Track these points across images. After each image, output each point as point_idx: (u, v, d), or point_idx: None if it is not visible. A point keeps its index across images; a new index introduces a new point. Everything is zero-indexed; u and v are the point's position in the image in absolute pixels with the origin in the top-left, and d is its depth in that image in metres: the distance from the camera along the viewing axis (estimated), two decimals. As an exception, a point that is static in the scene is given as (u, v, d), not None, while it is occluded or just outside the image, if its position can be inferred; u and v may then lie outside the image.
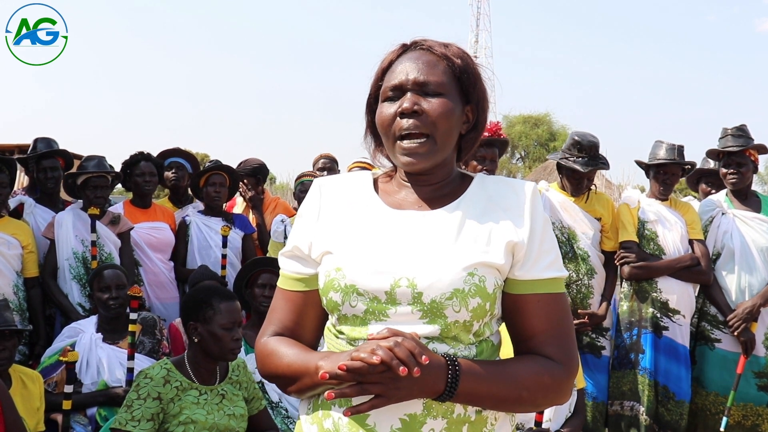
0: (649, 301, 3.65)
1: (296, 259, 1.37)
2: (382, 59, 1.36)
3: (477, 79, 1.35)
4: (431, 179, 1.35)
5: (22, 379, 2.82)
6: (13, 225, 3.62)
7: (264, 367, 1.36)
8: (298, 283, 1.36)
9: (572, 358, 1.29)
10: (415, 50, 1.33)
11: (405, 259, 1.24)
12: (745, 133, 3.74)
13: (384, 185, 1.41)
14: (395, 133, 1.28)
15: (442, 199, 1.34)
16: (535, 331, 1.28)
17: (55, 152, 4.08)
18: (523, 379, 1.23)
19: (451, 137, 1.31)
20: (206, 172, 4.24)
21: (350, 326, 1.28)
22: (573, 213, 3.70)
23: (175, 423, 2.41)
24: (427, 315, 1.22)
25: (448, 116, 1.27)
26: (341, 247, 1.30)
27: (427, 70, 1.29)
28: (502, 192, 1.34)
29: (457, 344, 1.24)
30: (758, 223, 3.65)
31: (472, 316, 1.22)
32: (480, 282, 1.22)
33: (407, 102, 1.27)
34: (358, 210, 1.35)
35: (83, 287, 3.66)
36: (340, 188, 1.40)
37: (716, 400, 3.63)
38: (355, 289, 1.25)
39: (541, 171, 14.23)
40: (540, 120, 36.72)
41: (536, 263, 1.28)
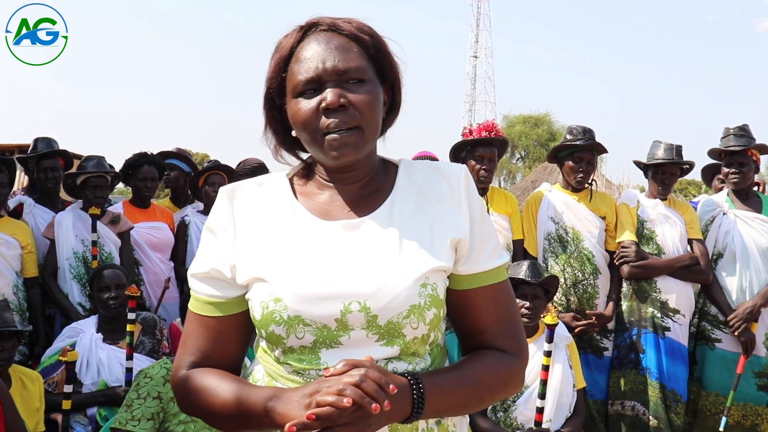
0: (648, 300, 3.65)
1: (212, 282, 1.22)
2: (278, 45, 1.19)
3: (389, 55, 1.21)
4: (357, 175, 1.23)
5: (22, 379, 2.82)
6: (12, 225, 3.62)
7: (191, 405, 1.20)
8: (215, 308, 1.22)
9: (523, 346, 1.25)
10: (319, 32, 1.17)
11: (351, 280, 1.13)
12: (747, 132, 3.74)
13: (302, 188, 1.26)
14: (321, 130, 1.13)
15: (370, 199, 1.22)
16: (484, 325, 1.22)
17: (56, 152, 4.08)
18: (483, 381, 1.18)
19: (378, 126, 1.19)
20: (205, 172, 4.24)
21: (297, 357, 1.15)
22: (577, 212, 3.70)
23: (175, 422, 2.41)
24: (384, 337, 1.13)
25: (375, 105, 1.16)
26: (275, 272, 1.15)
27: (343, 56, 1.14)
28: (433, 181, 1.23)
29: (414, 359, 1.17)
30: (759, 224, 3.65)
31: (429, 328, 1.16)
32: (433, 291, 1.15)
33: (331, 95, 1.12)
34: (282, 223, 1.20)
35: (83, 287, 3.66)
36: (254, 196, 1.24)
37: (716, 400, 3.62)
38: (300, 320, 1.12)
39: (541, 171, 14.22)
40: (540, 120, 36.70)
41: (479, 255, 1.20)
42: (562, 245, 3.66)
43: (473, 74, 52.27)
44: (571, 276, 3.63)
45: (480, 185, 3.62)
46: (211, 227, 1.24)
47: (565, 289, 3.63)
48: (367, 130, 1.15)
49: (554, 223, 3.69)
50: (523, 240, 3.70)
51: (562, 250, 3.66)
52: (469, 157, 3.60)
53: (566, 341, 3.11)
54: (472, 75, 52.25)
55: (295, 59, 1.16)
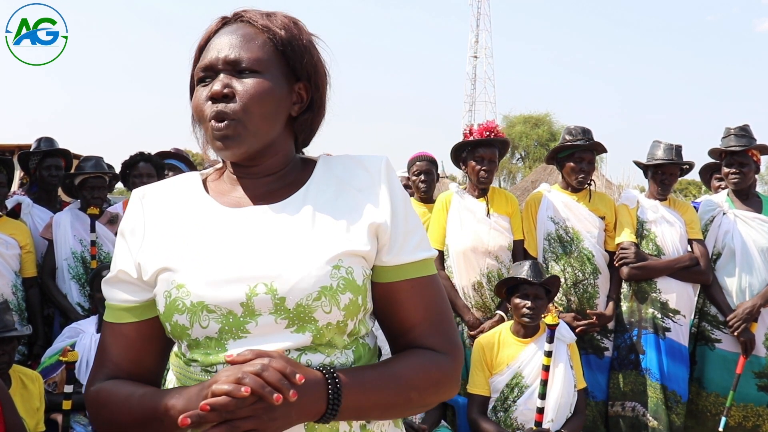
0: (648, 301, 3.64)
1: (123, 286, 1.16)
2: (201, 36, 1.18)
3: (306, 51, 1.16)
4: (263, 170, 1.18)
5: (21, 380, 2.82)
6: (10, 225, 3.62)
7: (101, 419, 1.13)
8: (128, 314, 1.16)
9: (456, 345, 1.17)
10: (235, 23, 1.16)
11: (258, 262, 1.07)
12: (747, 133, 3.73)
13: (215, 184, 1.23)
14: (207, 118, 1.11)
15: (284, 190, 1.17)
16: (412, 322, 1.14)
17: (59, 151, 4.10)
18: (410, 379, 1.10)
19: (269, 121, 1.12)
20: (205, 172, 4.24)
21: (204, 351, 1.08)
22: (577, 212, 3.69)
23: (174, 423, 2.41)
24: (295, 322, 1.06)
25: (263, 97, 1.10)
26: (179, 260, 1.10)
27: (241, 46, 1.11)
28: (352, 171, 1.18)
29: (332, 350, 1.09)
30: (759, 224, 3.65)
31: (346, 315, 1.08)
32: (348, 274, 1.08)
33: (217, 84, 1.10)
34: (190, 215, 1.16)
35: (82, 287, 3.66)
36: (165, 195, 1.21)
37: (716, 400, 3.62)
38: (204, 306, 1.06)
39: (541, 171, 14.24)
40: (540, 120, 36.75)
41: (404, 245, 1.14)
42: (562, 245, 3.66)
43: (473, 74, 52.33)
44: (571, 276, 3.63)
45: (480, 186, 3.62)
46: (121, 230, 1.20)
47: (566, 289, 3.63)
48: (249, 122, 1.09)
49: (554, 223, 3.69)
50: (524, 240, 3.70)
51: (562, 251, 3.66)
52: (469, 157, 3.60)
53: (568, 341, 3.11)
54: (472, 75, 52.31)
55: (206, 48, 1.15)
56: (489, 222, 3.58)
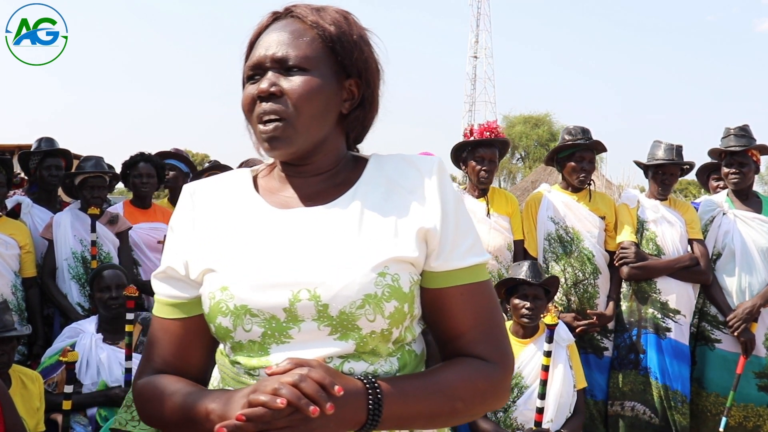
0: (648, 301, 3.64)
1: (171, 282, 1.16)
2: (251, 32, 1.16)
3: (356, 47, 1.12)
4: (313, 169, 1.16)
5: (21, 380, 2.82)
6: (10, 225, 3.62)
7: (146, 415, 1.14)
8: (176, 309, 1.16)
9: (506, 354, 1.13)
10: (285, 18, 1.13)
11: (302, 267, 1.05)
12: (747, 133, 3.74)
13: (265, 182, 1.21)
14: (256, 118, 1.10)
15: (334, 190, 1.14)
16: (462, 329, 1.11)
17: (59, 151, 4.10)
18: (455, 389, 1.06)
19: (318, 119, 1.10)
20: (205, 172, 4.24)
21: (247, 354, 1.08)
22: (577, 212, 3.70)
23: (174, 423, 2.41)
24: (338, 330, 1.04)
25: (312, 96, 1.08)
26: (224, 261, 1.09)
27: (289, 43, 1.09)
28: (403, 171, 1.14)
29: (376, 359, 1.07)
30: (759, 224, 3.65)
31: (390, 323, 1.05)
32: (393, 282, 1.05)
33: (264, 82, 1.08)
34: (238, 215, 1.14)
35: (82, 287, 3.66)
36: (215, 192, 1.20)
37: (716, 400, 3.62)
38: (247, 310, 1.05)
39: (541, 171, 14.22)
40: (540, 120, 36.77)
41: (454, 250, 1.10)
42: (562, 245, 3.66)
43: (473, 75, 52.31)
44: (571, 276, 3.63)
45: (480, 186, 3.62)
46: (171, 226, 1.19)
47: (566, 289, 3.63)
48: (297, 122, 1.08)
49: (554, 223, 3.69)
50: (524, 240, 3.70)
51: (563, 251, 3.66)
52: (469, 157, 3.61)
53: (567, 341, 3.11)
54: (472, 75, 52.30)
55: (256, 45, 1.13)
56: (489, 222, 3.58)
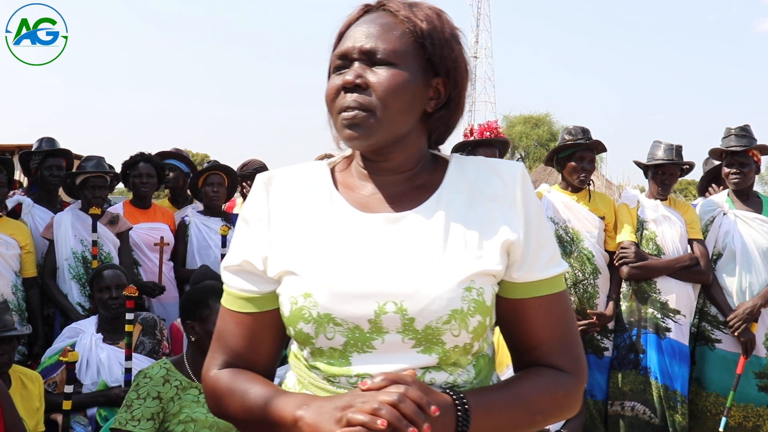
0: (648, 301, 3.65)
1: (245, 275, 1.15)
2: (341, 24, 1.14)
3: (446, 45, 1.10)
4: (393, 166, 1.14)
5: (21, 380, 2.82)
6: (11, 225, 3.62)
7: (219, 408, 1.15)
8: (249, 303, 1.15)
9: (582, 364, 1.13)
10: (376, 12, 1.12)
11: (388, 278, 1.03)
12: (748, 133, 3.74)
13: (343, 176, 1.18)
14: (338, 108, 1.08)
15: (415, 193, 1.12)
16: (539, 339, 1.10)
17: (60, 151, 4.10)
18: (536, 402, 1.07)
19: (403, 115, 1.08)
20: (205, 172, 4.24)
21: (327, 361, 1.07)
22: (577, 212, 3.70)
23: (175, 422, 2.41)
24: (422, 343, 1.03)
25: (397, 90, 1.05)
26: (307, 266, 1.07)
27: (378, 36, 1.07)
28: (486, 177, 1.12)
29: (456, 369, 1.06)
30: (759, 224, 3.65)
31: (473, 337, 1.05)
32: (479, 296, 1.04)
33: (350, 74, 1.07)
34: (318, 214, 1.12)
35: (83, 287, 3.66)
36: (292, 184, 1.16)
37: (716, 401, 3.62)
38: (330, 318, 1.04)
39: (541, 171, 14.22)
40: (540, 120, 36.77)
41: (535, 261, 1.08)
42: (562, 245, 3.66)
43: (473, 75, 52.20)
44: (571, 276, 3.64)
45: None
46: (245, 217, 1.16)
47: (566, 289, 3.63)
48: (382, 115, 1.05)
49: (554, 223, 3.69)
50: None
51: (562, 251, 3.66)
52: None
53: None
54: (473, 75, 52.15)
55: (345, 36, 1.12)
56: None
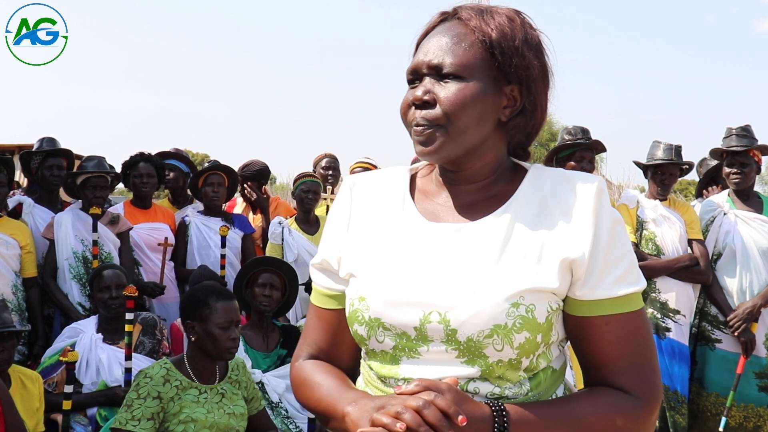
0: (648, 301, 3.64)
1: (326, 273, 1.20)
2: (421, 31, 1.15)
3: (517, 52, 1.08)
4: (469, 176, 1.13)
5: (21, 380, 2.82)
6: (11, 225, 3.62)
7: (298, 396, 1.22)
8: (331, 300, 1.20)
9: (653, 389, 1.06)
10: (451, 20, 1.11)
11: (437, 288, 1.04)
12: (749, 133, 3.74)
13: (423, 183, 1.20)
14: (409, 124, 1.11)
15: (487, 203, 1.11)
16: (605, 359, 1.06)
17: (61, 150, 4.10)
18: (589, 423, 1.01)
19: (474, 127, 1.07)
20: (204, 172, 4.24)
21: (379, 362, 1.11)
22: None
23: (175, 422, 2.41)
24: (465, 354, 1.03)
25: (465, 104, 1.05)
26: (366, 270, 1.12)
27: (447, 49, 1.07)
28: (560, 191, 1.09)
29: (504, 382, 1.04)
30: (760, 224, 3.65)
31: (519, 353, 1.02)
32: (528, 313, 1.01)
33: (419, 90, 1.08)
34: (388, 220, 1.15)
35: (83, 287, 3.66)
36: (373, 189, 1.20)
37: (717, 401, 3.62)
38: (380, 323, 1.07)
39: (541, 171, 14.17)
40: (540, 120, 36.72)
41: (602, 279, 1.04)
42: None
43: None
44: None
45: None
46: (330, 218, 1.23)
47: (566, 289, 3.63)
48: (450, 128, 1.06)
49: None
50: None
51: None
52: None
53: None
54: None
55: (419, 47, 1.13)
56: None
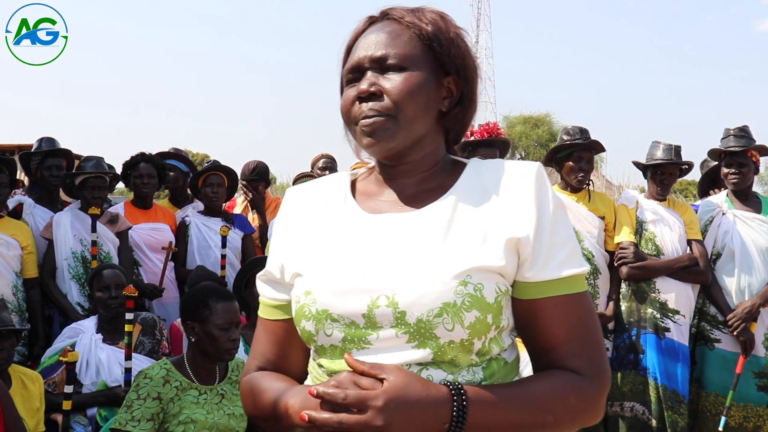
0: (647, 301, 3.65)
1: (271, 284, 1.21)
2: (348, 37, 1.17)
3: (453, 44, 1.13)
4: (410, 168, 1.15)
5: (22, 380, 2.82)
6: (12, 225, 3.62)
7: (248, 408, 1.20)
8: (277, 310, 1.20)
9: (603, 369, 1.09)
10: (381, 21, 1.14)
11: (383, 273, 1.05)
12: (747, 133, 3.75)
13: (363, 185, 1.22)
14: (354, 117, 1.11)
15: (428, 195, 1.13)
16: (555, 341, 1.07)
17: (60, 151, 4.10)
18: (545, 402, 1.03)
19: (419, 116, 1.10)
20: (204, 172, 4.25)
21: (329, 358, 1.09)
22: (576, 212, 3.70)
23: (175, 423, 2.41)
24: (415, 338, 1.02)
25: (412, 92, 1.08)
26: (310, 266, 1.12)
27: (387, 43, 1.10)
28: (500, 178, 1.12)
29: (456, 369, 1.04)
30: (758, 224, 3.66)
31: (471, 334, 1.02)
32: (476, 291, 1.02)
33: (364, 83, 1.09)
34: (330, 220, 1.16)
35: (82, 287, 3.66)
36: (314, 196, 1.21)
37: (716, 400, 3.63)
38: (328, 314, 1.06)
39: (541, 171, 14.21)
40: (540, 121, 36.76)
41: (548, 260, 1.06)
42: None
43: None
44: (571, 276, 3.63)
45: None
46: (273, 231, 1.25)
47: (565, 289, 3.63)
48: (400, 118, 1.08)
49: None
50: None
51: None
52: (470, 158, 3.60)
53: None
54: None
55: (353, 48, 1.15)
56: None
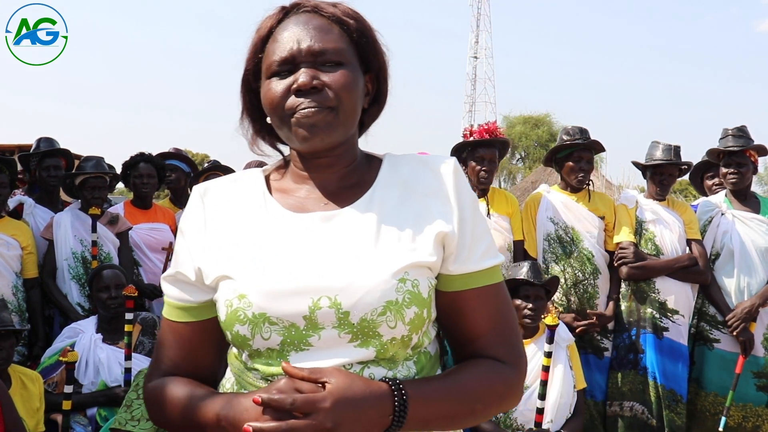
0: (647, 301, 3.65)
1: (181, 286, 1.15)
2: (259, 26, 1.14)
3: (374, 43, 1.14)
4: (333, 162, 1.15)
5: (21, 380, 2.82)
6: (12, 226, 3.62)
7: (156, 417, 1.15)
8: (186, 313, 1.15)
9: (520, 355, 1.14)
10: (300, 13, 1.12)
11: (321, 273, 1.04)
12: (745, 133, 3.75)
13: (278, 183, 1.19)
14: (289, 110, 1.07)
15: (350, 191, 1.14)
16: (478, 331, 1.11)
17: (58, 151, 4.10)
18: (475, 391, 1.08)
19: (355, 112, 1.11)
20: (204, 172, 4.25)
21: (265, 362, 1.07)
22: (576, 212, 3.70)
23: (174, 423, 2.42)
24: (358, 337, 1.03)
25: (352, 88, 1.08)
26: (241, 268, 1.08)
27: (320, 37, 1.08)
28: (418, 174, 1.14)
29: (395, 365, 1.07)
30: (757, 224, 3.66)
31: (410, 329, 1.05)
32: (414, 287, 1.05)
33: (304, 76, 1.06)
34: (253, 218, 1.13)
35: (82, 287, 3.66)
36: (227, 193, 1.18)
37: (715, 400, 3.63)
38: (266, 318, 1.04)
39: (541, 172, 14.23)
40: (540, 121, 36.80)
41: (471, 253, 1.10)
42: (562, 246, 3.67)
43: (473, 75, 52.33)
44: (571, 276, 3.64)
45: (480, 186, 3.63)
46: (181, 228, 1.18)
47: (566, 289, 3.63)
48: (341, 112, 1.08)
49: (553, 223, 3.69)
50: (524, 241, 3.71)
51: (562, 251, 3.66)
52: (469, 158, 3.61)
53: (567, 342, 3.11)
54: (473, 76, 52.31)
55: (273, 39, 1.11)
56: (489, 222, 3.58)
